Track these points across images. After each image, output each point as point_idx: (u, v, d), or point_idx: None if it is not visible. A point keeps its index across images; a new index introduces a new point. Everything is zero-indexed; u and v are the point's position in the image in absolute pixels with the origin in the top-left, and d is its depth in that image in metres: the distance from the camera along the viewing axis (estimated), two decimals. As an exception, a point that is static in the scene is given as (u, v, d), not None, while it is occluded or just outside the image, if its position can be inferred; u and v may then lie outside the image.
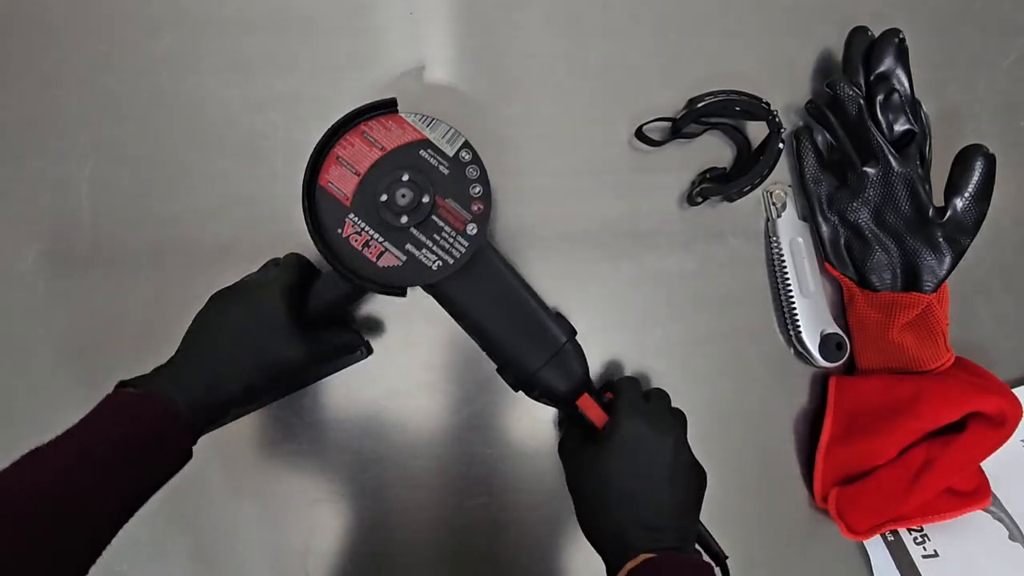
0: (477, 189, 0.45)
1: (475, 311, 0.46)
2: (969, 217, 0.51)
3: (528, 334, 0.46)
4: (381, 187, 0.43)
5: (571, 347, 0.47)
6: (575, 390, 0.46)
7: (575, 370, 0.47)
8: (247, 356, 0.41)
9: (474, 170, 0.45)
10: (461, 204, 0.45)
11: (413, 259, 0.44)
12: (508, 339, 0.46)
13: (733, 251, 0.56)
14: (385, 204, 0.43)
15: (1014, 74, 0.60)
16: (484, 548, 0.52)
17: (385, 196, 0.43)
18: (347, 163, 0.44)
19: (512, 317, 0.46)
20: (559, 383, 0.46)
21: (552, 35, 0.56)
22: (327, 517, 0.51)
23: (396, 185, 0.43)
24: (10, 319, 0.51)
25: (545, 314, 0.47)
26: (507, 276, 0.47)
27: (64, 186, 0.52)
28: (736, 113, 0.54)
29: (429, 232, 0.44)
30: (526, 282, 0.48)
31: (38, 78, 0.53)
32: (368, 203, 0.44)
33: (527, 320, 0.46)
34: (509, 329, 0.46)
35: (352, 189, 0.44)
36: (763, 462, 0.55)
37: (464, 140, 0.46)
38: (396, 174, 0.44)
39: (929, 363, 0.52)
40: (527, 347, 0.46)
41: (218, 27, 0.54)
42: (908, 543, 0.51)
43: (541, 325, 0.46)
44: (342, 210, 0.44)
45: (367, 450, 0.52)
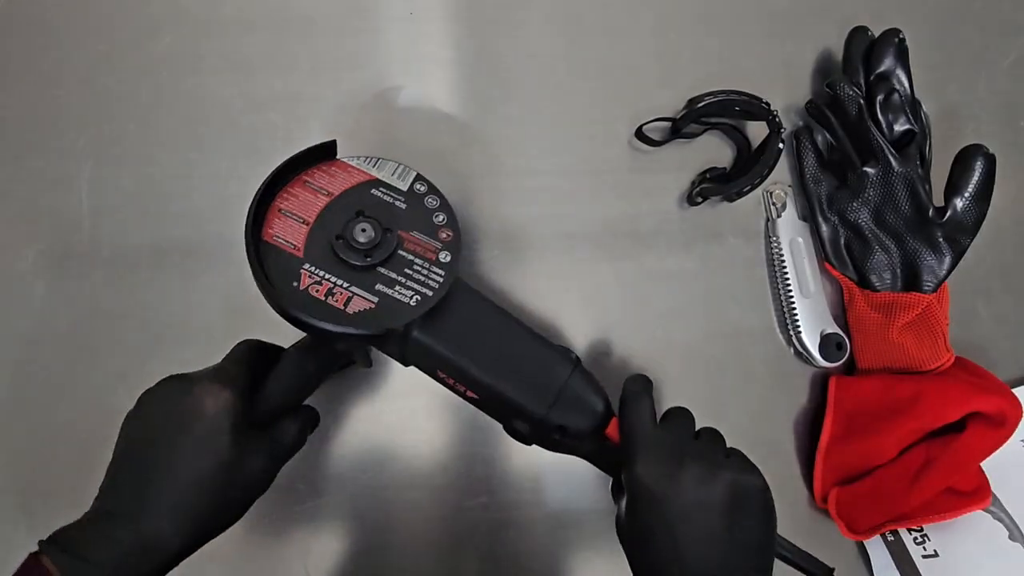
0: (441, 217, 0.42)
1: (462, 357, 0.40)
2: (969, 217, 0.51)
3: (528, 373, 0.41)
4: (335, 230, 0.40)
5: (578, 377, 0.42)
6: (599, 422, 0.41)
7: (591, 402, 0.41)
8: (194, 505, 0.34)
9: (433, 200, 0.43)
10: (427, 234, 0.42)
11: (387, 298, 0.39)
12: (507, 382, 0.40)
13: (733, 251, 0.56)
14: (344, 244, 0.39)
15: (1014, 74, 0.60)
16: (484, 548, 0.52)
17: (341, 237, 0.39)
18: (292, 214, 0.40)
19: (505, 356, 0.41)
20: (575, 421, 0.41)
21: (552, 35, 0.56)
22: (327, 517, 0.51)
23: (353, 223, 0.40)
24: (10, 319, 0.51)
25: (541, 344, 0.42)
26: (485, 308, 0.42)
27: (64, 186, 0.52)
28: (736, 113, 0.54)
29: (399, 268, 0.40)
30: (511, 314, 0.43)
31: (38, 78, 0.53)
32: (323, 249, 0.39)
33: (522, 356, 0.41)
34: (505, 371, 0.40)
35: (303, 239, 0.39)
36: (763, 462, 0.54)
37: (416, 173, 0.44)
38: (350, 213, 0.40)
39: (929, 363, 0.52)
40: (530, 388, 0.40)
41: (218, 27, 0.54)
42: (908, 543, 0.51)
43: (538, 358, 0.41)
44: (294, 262, 0.39)
45: (367, 449, 0.52)
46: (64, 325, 0.51)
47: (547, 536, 0.52)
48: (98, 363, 0.51)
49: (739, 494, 0.36)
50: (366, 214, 0.40)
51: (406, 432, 0.52)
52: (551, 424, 0.40)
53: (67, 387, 0.51)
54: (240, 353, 0.40)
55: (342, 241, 0.39)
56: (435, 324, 0.40)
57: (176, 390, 0.36)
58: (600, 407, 0.41)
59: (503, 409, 0.42)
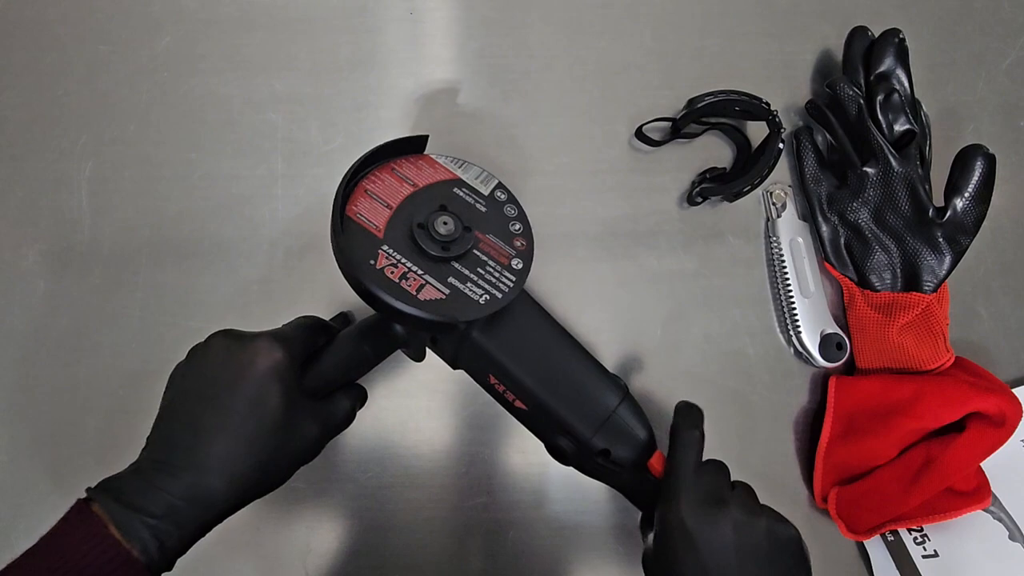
0: (517, 227, 0.43)
1: (519, 364, 0.41)
2: (969, 217, 0.51)
3: (578, 393, 0.41)
4: (418, 217, 0.40)
5: (626, 407, 0.42)
6: (639, 456, 0.41)
7: (636, 434, 0.41)
8: (249, 456, 0.34)
9: (512, 208, 0.44)
10: (503, 239, 0.42)
11: (457, 292, 0.39)
12: (558, 398, 0.41)
13: (733, 251, 0.56)
14: (424, 233, 0.40)
15: (1014, 74, 0.60)
16: (484, 548, 0.52)
17: (422, 226, 0.40)
18: (377, 197, 0.41)
19: (559, 371, 0.41)
20: (618, 450, 0.41)
21: (552, 35, 0.56)
22: (327, 517, 0.51)
23: (436, 215, 0.41)
24: (10, 319, 0.51)
25: (596, 368, 0.42)
26: (545, 322, 0.43)
27: (64, 186, 0.52)
28: (736, 113, 0.54)
29: (472, 266, 0.40)
30: (569, 333, 0.44)
31: (38, 78, 0.53)
32: (403, 235, 0.40)
33: (574, 376, 0.41)
34: (557, 387, 0.41)
35: (384, 221, 0.40)
36: (763, 462, 0.55)
37: (498, 181, 0.45)
38: (433, 205, 0.41)
39: (929, 363, 0.52)
40: (578, 409, 0.41)
41: (218, 27, 0.54)
42: (908, 543, 0.51)
43: (591, 381, 0.41)
44: (374, 242, 0.39)
45: (367, 449, 0.52)
46: (64, 325, 0.51)
47: (547, 536, 0.52)
48: (98, 363, 0.51)
49: (776, 542, 0.36)
50: (448, 209, 0.41)
51: (406, 432, 0.52)
52: (596, 448, 0.40)
53: (67, 387, 0.51)
54: (299, 323, 0.40)
55: (423, 230, 0.40)
56: (496, 329, 0.40)
57: (230, 346, 0.36)
58: (644, 438, 0.42)
59: (550, 425, 0.42)
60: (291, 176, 0.53)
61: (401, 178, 0.43)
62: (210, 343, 0.37)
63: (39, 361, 0.51)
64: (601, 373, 0.42)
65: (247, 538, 0.51)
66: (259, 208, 0.53)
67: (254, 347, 0.36)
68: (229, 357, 0.36)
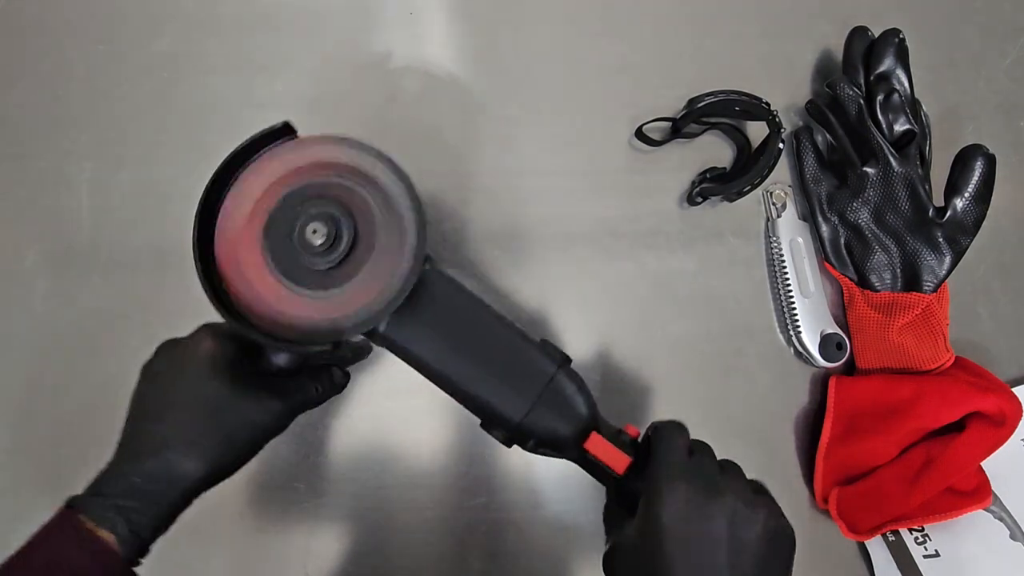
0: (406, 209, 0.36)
1: (435, 356, 0.37)
2: (969, 217, 0.51)
3: (506, 372, 0.37)
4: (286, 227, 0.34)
5: (564, 377, 0.38)
6: (581, 429, 0.37)
7: (575, 403, 0.37)
8: (204, 436, 0.34)
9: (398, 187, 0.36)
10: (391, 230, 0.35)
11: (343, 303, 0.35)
12: (482, 382, 0.37)
13: (733, 251, 0.56)
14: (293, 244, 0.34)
15: (1014, 74, 0.60)
16: (484, 548, 0.52)
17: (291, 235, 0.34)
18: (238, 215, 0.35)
19: (482, 354, 0.37)
20: (557, 425, 0.37)
21: (552, 35, 0.56)
22: (327, 517, 0.51)
23: (306, 220, 0.34)
24: (10, 319, 0.51)
25: (525, 342, 0.38)
26: (467, 305, 0.38)
27: (64, 186, 0.52)
28: (736, 113, 0.54)
29: (357, 267, 0.35)
30: (495, 309, 0.39)
31: (38, 78, 0.53)
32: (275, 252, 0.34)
33: (502, 354, 0.37)
34: (481, 370, 0.37)
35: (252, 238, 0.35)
36: (763, 462, 0.54)
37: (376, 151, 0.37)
38: (303, 208, 0.34)
39: (929, 363, 0.52)
40: (507, 388, 0.37)
41: (218, 27, 0.54)
42: (909, 543, 0.51)
43: (521, 356, 0.37)
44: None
45: (367, 449, 0.52)
46: (64, 325, 0.51)
47: (547, 536, 0.52)
48: (98, 363, 0.51)
49: (771, 542, 0.34)
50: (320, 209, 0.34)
51: (406, 432, 0.52)
52: (526, 432, 0.37)
53: (67, 387, 0.51)
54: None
55: (291, 242, 0.34)
56: (403, 318, 0.36)
57: (172, 346, 0.38)
58: (584, 412, 0.38)
59: (478, 412, 0.39)
60: (291, 176, 0.53)
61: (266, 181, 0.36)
62: (156, 352, 0.39)
63: (39, 361, 0.51)
64: (530, 345, 0.38)
65: (248, 538, 0.51)
66: (259, 208, 0.53)
67: (191, 339, 0.38)
68: (172, 355, 0.37)
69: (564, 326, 0.54)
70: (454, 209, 0.54)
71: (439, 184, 0.54)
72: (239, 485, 0.51)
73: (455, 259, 0.54)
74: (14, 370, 0.51)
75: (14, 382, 0.51)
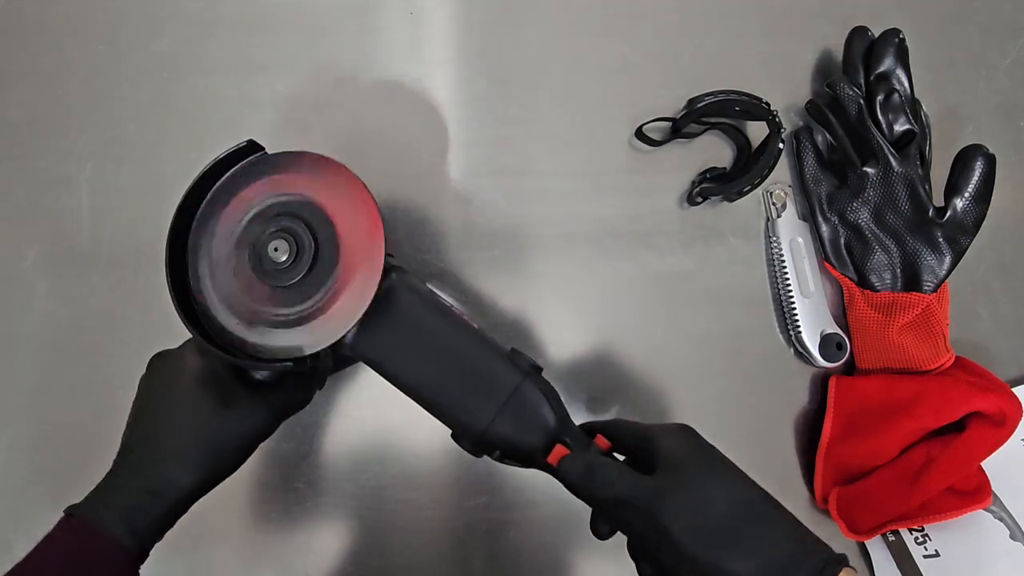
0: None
1: (400, 367, 0.37)
2: (969, 217, 0.51)
3: (469, 381, 0.37)
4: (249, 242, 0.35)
5: (531, 387, 0.37)
6: (544, 441, 0.36)
7: (539, 415, 0.36)
8: (193, 445, 0.36)
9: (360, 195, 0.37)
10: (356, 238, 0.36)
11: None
12: (446, 392, 0.37)
13: (733, 251, 0.56)
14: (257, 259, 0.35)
15: (1014, 74, 0.60)
16: (484, 548, 0.52)
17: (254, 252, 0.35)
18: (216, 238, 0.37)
19: (448, 363, 0.37)
20: (522, 435, 0.36)
21: (552, 35, 0.56)
22: (327, 517, 0.51)
23: (268, 237, 0.35)
24: (10, 319, 0.51)
25: (490, 351, 0.38)
26: (432, 315, 0.38)
27: (64, 186, 0.52)
28: (736, 113, 0.54)
29: (321, 279, 0.35)
30: (463, 318, 0.39)
31: (38, 78, 0.53)
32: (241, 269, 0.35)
33: (467, 363, 0.37)
34: (445, 380, 0.37)
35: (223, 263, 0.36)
36: (763, 462, 0.54)
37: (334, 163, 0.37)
38: (267, 224, 0.35)
39: (929, 363, 0.52)
40: (471, 398, 0.36)
41: (218, 27, 0.54)
42: (909, 543, 0.51)
43: (486, 366, 0.37)
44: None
45: (367, 449, 0.52)
46: (64, 325, 0.51)
47: (547, 536, 0.52)
48: (98, 363, 0.51)
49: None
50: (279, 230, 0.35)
51: (406, 432, 0.52)
52: (490, 442, 0.37)
53: (67, 387, 0.51)
54: None
55: (255, 258, 0.35)
56: (369, 329, 0.36)
57: (163, 359, 0.40)
58: (550, 422, 0.37)
59: (445, 422, 0.39)
60: (291, 176, 0.53)
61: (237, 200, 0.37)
62: (148, 367, 0.40)
63: (39, 361, 0.51)
64: (495, 355, 0.38)
65: (248, 538, 0.51)
66: (259, 208, 0.53)
67: (181, 352, 0.39)
68: (163, 370, 0.39)
69: (564, 326, 0.54)
70: (454, 209, 0.54)
71: (439, 184, 0.54)
72: (239, 485, 0.51)
73: (455, 259, 0.54)
74: (14, 370, 0.51)
75: (14, 382, 0.51)
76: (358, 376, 0.52)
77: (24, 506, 0.49)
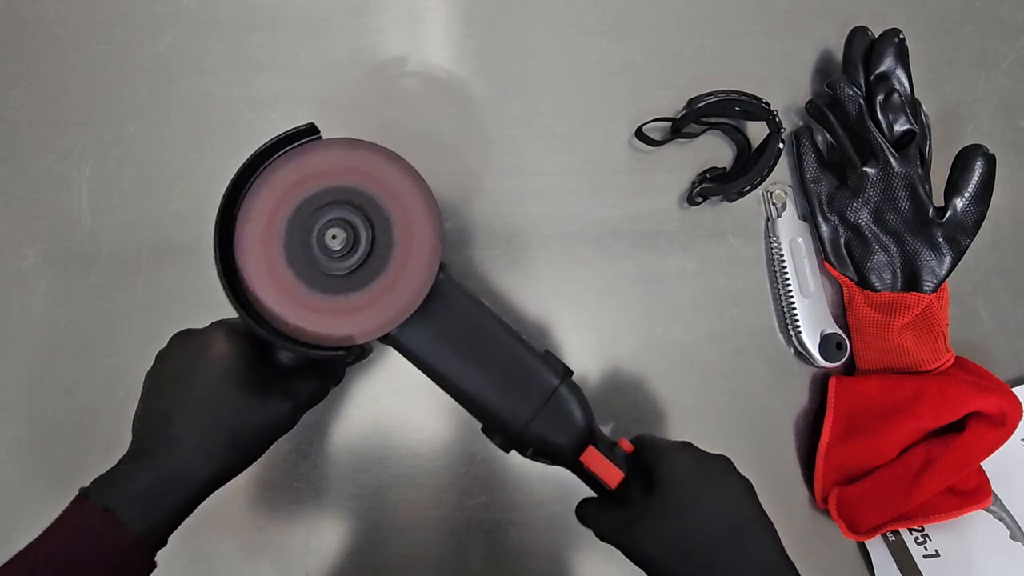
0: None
1: (442, 362, 0.38)
2: (969, 217, 0.51)
3: (510, 381, 0.38)
4: (307, 232, 0.35)
5: (566, 390, 0.39)
6: (577, 443, 0.39)
7: (574, 418, 0.39)
8: (214, 437, 0.35)
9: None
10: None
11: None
12: (487, 390, 0.38)
13: (733, 251, 0.56)
14: (310, 249, 0.35)
15: (1014, 74, 0.60)
16: (484, 548, 0.52)
17: (309, 240, 0.35)
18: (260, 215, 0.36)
19: (488, 363, 0.38)
20: (556, 436, 0.38)
21: (552, 35, 0.56)
22: (327, 517, 0.51)
23: (326, 226, 0.35)
24: (10, 319, 0.51)
25: (530, 353, 0.39)
26: (477, 313, 0.39)
27: (64, 186, 0.52)
28: (736, 113, 0.54)
29: (376, 272, 0.36)
30: (502, 319, 0.40)
31: (38, 78, 0.53)
32: (295, 256, 0.35)
33: (507, 363, 0.38)
34: (487, 378, 0.38)
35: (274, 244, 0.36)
36: (763, 462, 0.54)
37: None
38: (325, 212, 0.35)
39: (929, 363, 0.52)
40: (511, 397, 0.38)
41: (218, 27, 0.54)
42: (909, 543, 0.51)
43: (525, 368, 0.38)
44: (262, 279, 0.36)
45: (367, 450, 0.52)
46: (64, 325, 0.51)
47: (547, 536, 0.52)
48: (98, 363, 0.51)
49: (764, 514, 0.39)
50: (340, 215, 0.35)
51: (406, 432, 0.52)
52: (526, 440, 0.39)
53: (67, 387, 0.51)
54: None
55: (308, 248, 0.35)
56: (414, 323, 0.36)
57: (187, 340, 0.38)
58: (582, 425, 0.39)
59: (481, 417, 0.40)
60: (291, 176, 0.53)
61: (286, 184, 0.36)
62: (170, 343, 0.39)
63: (39, 361, 0.51)
64: (535, 358, 0.39)
65: (248, 538, 0.51)
66: (259, 208, 0.53)
67: (205, 335, 0.37)
68: (185, 350, 0.37)
69: (564, 326, 0.54)
70: (454, 209, 0.54)
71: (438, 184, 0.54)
72: (240, 485, 0.51)
73: (455, 259, 0.54)
74: (14, 370, 0.51)
75: (14, 382, 0.51)
76: (359, 376, 0.52)
77: (23, 505, 0.49)
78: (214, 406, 0.35)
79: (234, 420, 0.35)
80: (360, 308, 0.35)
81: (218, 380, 0.35)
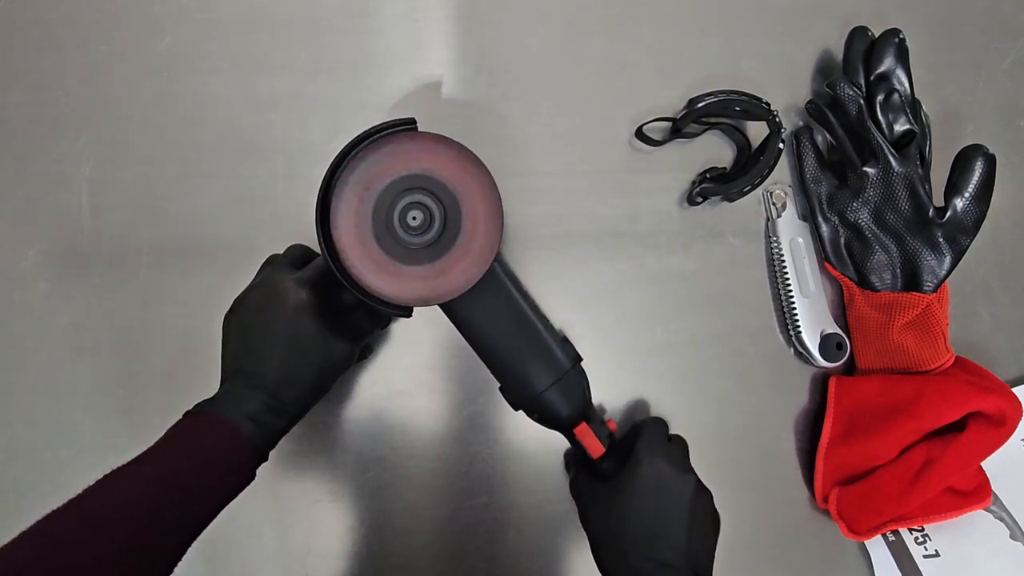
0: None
1: (484, 330, 0.46)
2: (969, 217, 0.51)
3: (534, 355, 0.46)
4: (392, 209, 0.42)
5: (575, 373, 0.47)
6: (575, 416, 0.46)
7: (577, 396, 0.46)
8: (302, 371, 0.41)
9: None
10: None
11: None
12: (515, 359, 0.46)
13: (733, 251, 0.56)
14: (393, 225, 0.42)
15: (1014, 74, 0.60)
16: (484, 549, 0.52)
17: (391, 218, 0.42)
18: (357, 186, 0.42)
19: (520, 338, 0.46)
20: (561, 407, 0.46)
21: (552, 35, 0.56)
22: (327, 517, 0.51)
23: (408, 207, 0.42)
24: (10, 319, 0.51)
25: (552, 337, 0.46)
26: (516, 296, 0.46)
27: (64, 186, 0.52)
28: (736, 113, 0.54)
29: (444, 248, 0.42)
30: (535, 303, 0.47)
31: (38, 78, 0.53)
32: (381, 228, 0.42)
33: (534, 342, 0.46)
34: (516, 349, 0.46)
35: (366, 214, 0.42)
36: (763, 462, 0.55)
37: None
38: (407, 195, 0.42)
39: (929, 363, 0.52)
40: (533, 368, 0.45)
41: (218, 27, 0.54)
42: (909, 543, 0.51)
43: (547, 348, 0.46)
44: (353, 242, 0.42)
45: (368, 450, 0.52)
46: (64, 325, 0.51)
47: (547, 536, 0.52)
48: (98, 363, 0.51)
49: (716, 519, 0.45)
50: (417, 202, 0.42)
51: (407, 433, 0.52)
52: (537, 405, 0.46)
53: (66, 386, 0.51)
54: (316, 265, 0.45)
55: (391, 224, 0.42)
56: (468, 293, 0.43)
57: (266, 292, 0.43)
58: (582, 403, 0.47)
59: (503, 378, 0.47)
60: (291, 176, 0.53)
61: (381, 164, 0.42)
62: (248, 296, 0.44)
63: (39, 361, 0.51)
64: (554, 344, 0.46)
65: (249, 538, 0.51)
66: (259, 208, 0.53)
67: (284, 290, 0.42)
68: (266, 302, 0.42)
69: (564, 325, 0.54)
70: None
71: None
72: (239, 485, 0.51)
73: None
74: (14, 370, 0.51)
75: (14, 382, 0.51)
76: (359, 376, 0.52)
77: (24, 506, 0.49)
78: (303, 346, 0.41)
79: (317, 356, 0.41)
80: (430, 277, 0.42)
81: (306, 323, 0.41)
